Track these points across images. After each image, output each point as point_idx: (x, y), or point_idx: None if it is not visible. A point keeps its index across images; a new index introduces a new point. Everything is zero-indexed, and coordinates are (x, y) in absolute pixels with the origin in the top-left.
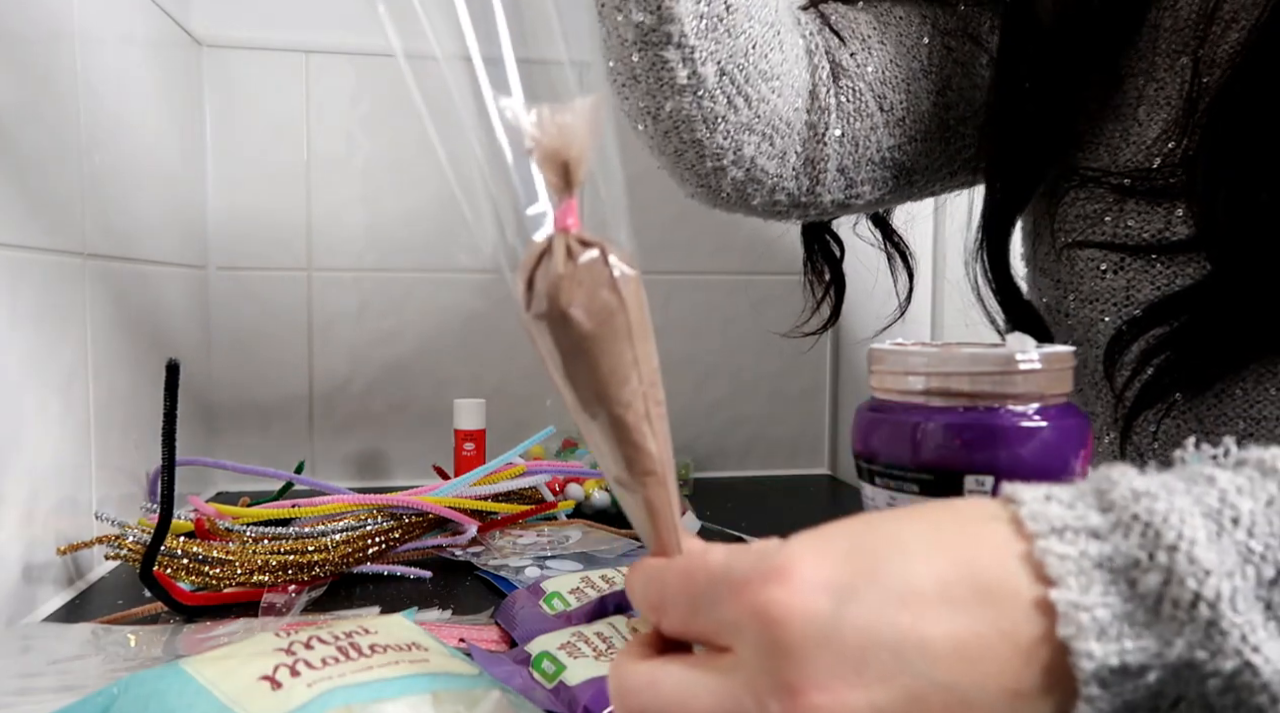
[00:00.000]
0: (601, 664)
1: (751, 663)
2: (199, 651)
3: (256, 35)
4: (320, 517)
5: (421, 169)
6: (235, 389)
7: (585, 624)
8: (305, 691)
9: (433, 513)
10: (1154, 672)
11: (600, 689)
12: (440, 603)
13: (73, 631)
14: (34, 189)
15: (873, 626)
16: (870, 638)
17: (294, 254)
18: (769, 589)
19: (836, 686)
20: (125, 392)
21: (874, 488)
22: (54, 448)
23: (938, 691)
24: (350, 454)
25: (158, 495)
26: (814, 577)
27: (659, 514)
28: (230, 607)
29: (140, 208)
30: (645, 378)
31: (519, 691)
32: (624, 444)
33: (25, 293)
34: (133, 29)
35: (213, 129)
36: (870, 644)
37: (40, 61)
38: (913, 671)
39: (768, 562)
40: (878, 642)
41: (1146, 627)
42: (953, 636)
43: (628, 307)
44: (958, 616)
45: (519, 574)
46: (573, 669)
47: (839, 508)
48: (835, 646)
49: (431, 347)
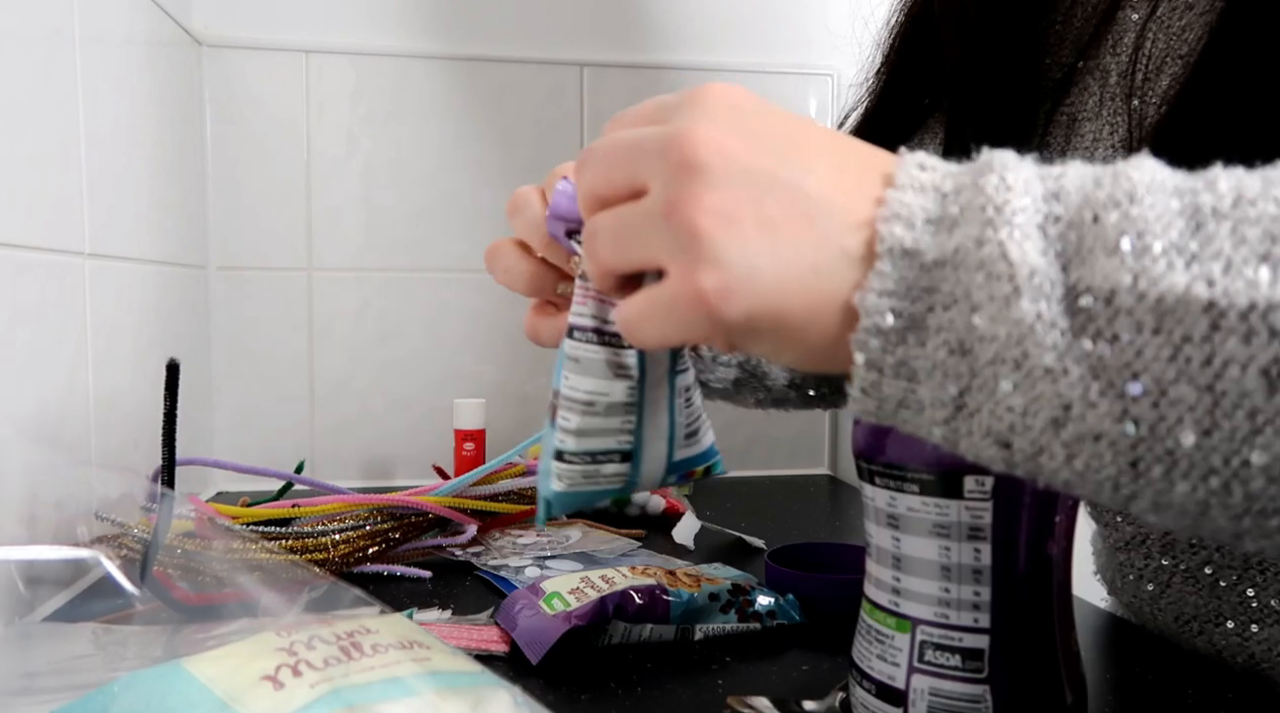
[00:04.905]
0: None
1: (675, 118)
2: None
3: (256, 35)
4: (320, 517)
5: (421, 169)
6: (235, 389)
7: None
8: (308, 691)
9: (433, 513)
10: (932, 257)
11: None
12: (440, 603)
13: (73, 631)
14: (34, 189)
15: (776, 129)
16: (770, 132)
17: (294, 254)
18: (710, 84)
19: (723, 132)
20: (125, 392)
21: (874, 488)
22: (54, 448)
23: (801, 195)
24: (350, 454)
25: (158, 495)
26: (745, 91)
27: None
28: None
29: (140, 208)
30: None
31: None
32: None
33: (25, 292)
34: (133, 29)
35: (213, 129)
36: (769, 135)
37: (40, 61)
38: (791, 168)
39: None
40: (775, 137)
41: (947, 229)
42: (835, 174)
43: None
44: (842, 161)
45: (519, 574)
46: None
47: (839, 508)
48: (741, 119)
49: (431, 347)
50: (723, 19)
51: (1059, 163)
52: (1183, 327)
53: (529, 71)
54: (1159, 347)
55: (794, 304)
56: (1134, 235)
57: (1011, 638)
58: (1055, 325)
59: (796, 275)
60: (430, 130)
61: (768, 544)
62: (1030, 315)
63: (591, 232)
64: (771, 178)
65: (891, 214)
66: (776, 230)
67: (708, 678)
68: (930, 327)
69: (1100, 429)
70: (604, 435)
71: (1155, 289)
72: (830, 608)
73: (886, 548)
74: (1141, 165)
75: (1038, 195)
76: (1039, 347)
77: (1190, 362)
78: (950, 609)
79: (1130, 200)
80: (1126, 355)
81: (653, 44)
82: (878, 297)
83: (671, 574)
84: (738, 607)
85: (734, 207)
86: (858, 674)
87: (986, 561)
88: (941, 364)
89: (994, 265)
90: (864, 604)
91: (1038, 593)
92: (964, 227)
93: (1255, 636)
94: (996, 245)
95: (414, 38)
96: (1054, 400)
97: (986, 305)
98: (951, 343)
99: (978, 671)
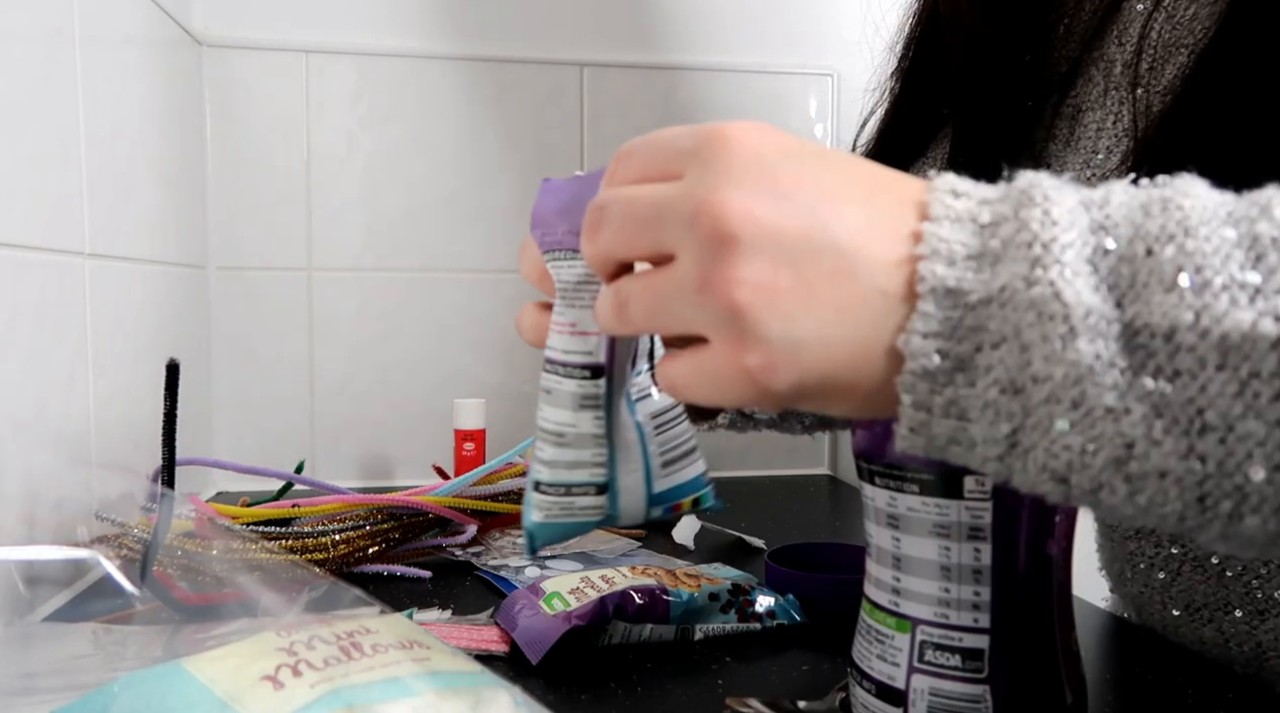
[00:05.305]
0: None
1: (695, 175)
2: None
3: (256, 35)
4: (320, 517)
5: (421, 169)
6: (235, 389)
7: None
8: (308, 691)
9: (432, 513)
10: (978, 297)
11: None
12: (440, 603)
13: (73, 631)
14: (34, 189)
15: (804, 180)
16: (798, 185)
17: (294, 254)
18: (727, 127)
19: (749, 197)
20: (125, 392)
21: (874, 488)
22: (54, 448)
23: (835, 249)
24: (350, 454)
25: (158, 495)
26: (763, 130)
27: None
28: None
29: (140, 208)
30: None
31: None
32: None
33: (25, 292)
34: (133, 29)
35: (213, 129)
36: (796, 190)
37: (40, 61)
38: (822, 224)
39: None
40: (803, 190)
41: (990, 265)
42: (869, 219)
43: None
44: (878, 208)
45: (519, 574)
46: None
47: (839, 508)
48: (768, 176)
49: (431, 347)
50: (723, 19)
51: (1066, 154)
52: (1250, 363)
53: (529, 71)
54: (1224, 383)
55: (840, 365)
56: (1192, 270)
57: (1011, 638)
58: (1114, 365)
59: (839, 336)
60: (430, 130)
61: (768, 544)
62: (1089, 356)
63: (623, 300)
64: (805, 240)
65: (931, 251)
66: (815, 294)
67: (707, 678)
68: (979, 366)
69: (1165, 466)
70: (576, 468)
71: (1219, 327)
72: (830, 608)
73: (886, 548)
74: (1190, 191)
75: (1084, 227)
76: (1098, 386)
77: (1259, 397)
78: (950, 609)
79: (1185, 233)
80: (1190, 391)
81: (653, 44)
82: (922, 338)
83: (671, 574)
84: (738, 607)
85: (770, 277)
86: (858, 674)
87: (986, 561)
88: (993, 403)
89: (1046, 305)
90: (864, 604)
91: (1038, 593)
92: (1009, 263)
93: (1263, 625)
94: (1048, 285)
95: (414, 38)
96: (1116, 439)
97: (1039, 345)
98: (1003, 382)
99: (978, 671)
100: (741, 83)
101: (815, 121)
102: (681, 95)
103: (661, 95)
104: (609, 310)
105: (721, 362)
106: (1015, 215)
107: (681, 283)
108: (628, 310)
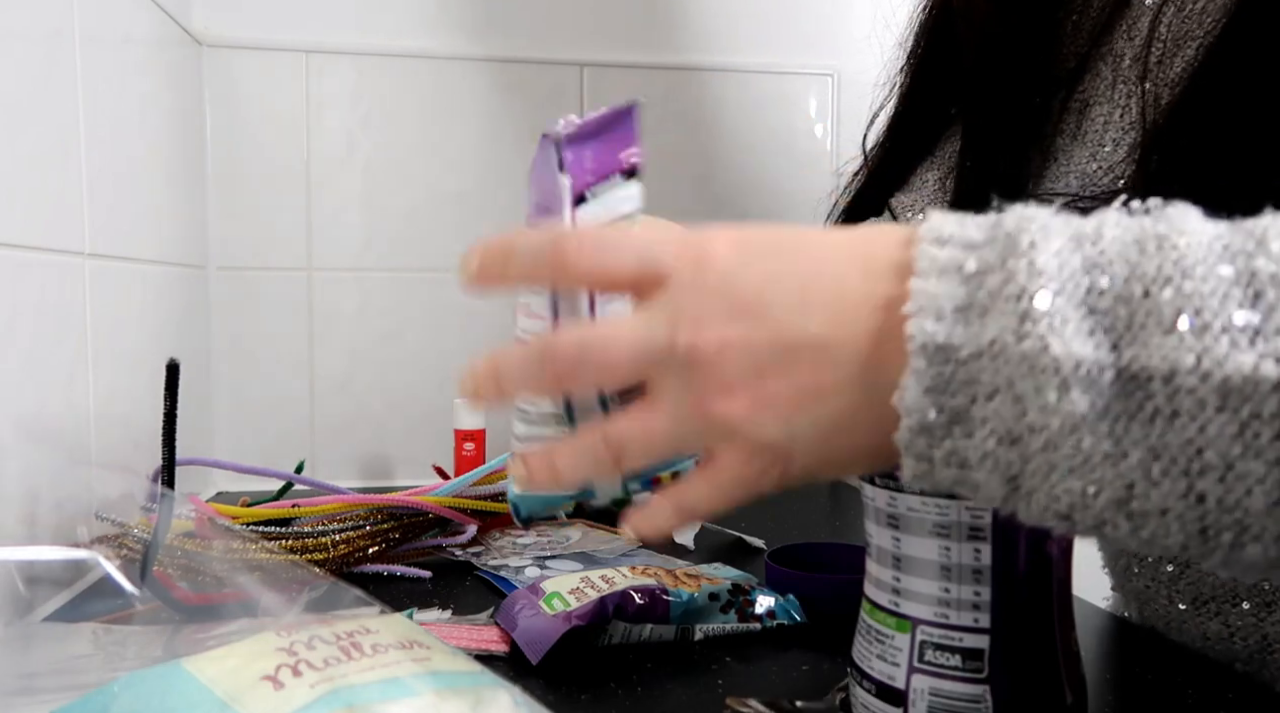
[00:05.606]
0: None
1: (666, 303)
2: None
3: (256, 35)
4: (320, 517)
5: (421, 169)
6: (235, 389)
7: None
8: (308, 691)
9: (432, 513)
10: (968, 351)
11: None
12: (440, 603)
13: (73, 631)
14: (34, 189)
15: (765, 280)
16: (761, 289)
17: (294, 254)
18: (699, 246)
19: (722, 322)
20: (125, 392)
21: (874, 488)
22: (54, 448)
23: (810, 343)
24: (350, 454)
25: (158, 495)
26: (727, 238)
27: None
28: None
29: (140, 208)
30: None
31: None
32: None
33: (25, 292)
34: (133, 29)
35: (213, 129)
36: (760, 295)
37: (40, 61)
38: (792, 322)
39: (693, 232)
40: (767, 294)
41: (978, 317)
42: (835, 300)
43: None
44: (843, 286)
45: (519, 574)
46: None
47: (839, 508)
48: (732, 291)
49: (431, 347)
50: (723, 19)
51: (1073, 147)
52: (1251, 405)
53: (529, 71)
54: (1224, 424)
55: (840, 443)
56: (1191, 312)
57: (1011, 638)
58: (1109, 411)
59: (833, 419)
60: (430, 130)
61: (768, 544)
62: (1083, 406)
63: (617, 450)
64: (779, 347)
65: (918, 308)
66: (802, 390)
67: (708, 678)
68: (975, 418)
69: (1166, 505)
70: (544, 443)
71: (1220, 370)
72: (830, 608)
73: (886, 548)
74: (1184, 227)
75: (1076, 268)
76: (1095, 435)
77: (1259, 437)
78: (950, 609)
79: (1182, 274)
80: (1189, 432)
81: (653, 44)
82: (916, 395)
83: (671, 574)
84: (738, 607)
85: (756, 388)
86: (858, 674)
87: (986, 560)
88: (992, 453)
89: (1037, 359)
90: (864, 604)
91: (1038, 593)
92: (997, 316)
93: (1270, 617)
94: (1037, 339)
95: (414, 38)
96: (1115, 482)
97: (1033, 397)
98: (999, 432)
99: (978, 671)
100: (742, 83)
101: (815, 121)
102: (681, 95)
103: (661, 95)
104: (603, 461)
105: (737, 472)
106: (1002, 265)
107: (677, 415)
108: (625, 456)
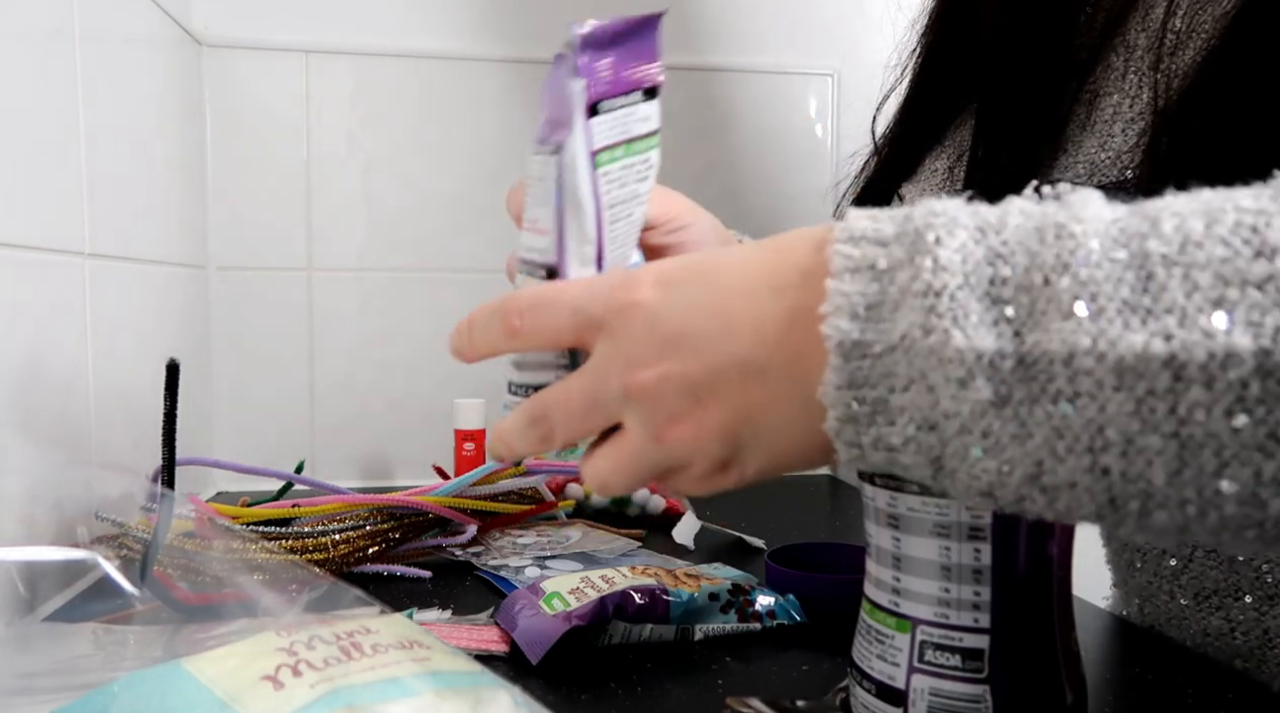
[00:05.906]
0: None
1: (607, 350)
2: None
3: (256, 35)
4: (320, 517)
5: (421, 169)
6: (235, 389)
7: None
8: (308, 691)
9: (433, 513)
10: (882, 346)
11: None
12: (440, 603)
13: (73, 631)
14: (34, 189)
15: (687, 312)
16: (684, 322)
17: (294, 254)
18: (625, 292)
19: (656, 361)
20: (125, 392)
21: (874, 488)
22: (54, 448)
23: (735, 363)
24: (350, 454)
25: (158, 495)
26: (650, 279)
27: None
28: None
29: (140, 208)
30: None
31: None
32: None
33: (25, 293)
34: (133, 29)
35: (213, 129)
36: (684, 328)
37: (40, 61)
38: (716, 348)
39: (622, 277)
40: (690, 325)
41: (890, 312)
42: (753, 318)
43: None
44: (758, 303)
45: (519, 574)
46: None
47: (839, 508)
48: (659, 329)
49: (431, 347)
50: (723, 20)
51: (1082, 137)
52: (1145, 382)
53: (529, 71)
54: (1121, 402)
55: (787, 446)
56: (1087, 298)
57: (1011, 638)
58: (1013, 396)
59: (774, 427)
60: (430, 130)
61: (768, 544)
62: (986, 393)
63: (600, 483)
64: (710, 371)
65: (834, 308)
66: (739, 410)
67: (707, 678)
68: (895, 407)
69: (1074, 479)
70: (541, 369)
71: (1114, 351)
72: (830, 608)
73: (886, 548)
74: (1083, 214)
75: (979, 260)
76: (1000, 419)
77: (1155, 412)
78: (950, 609)
79: (1079, 261)
80: (1090, 412)
81: None
82: (835, 390)
83: (671, 574)
84: (738, 607)
85: (697, 416)
86: (858, 674)
87: (986, 560)
88: (913, 438)
89: (943, 351)
90: (864, 604)
91: (1038, 593)
92: (906, 312)
93: (1272, 611)
94: (942, 333)
95: (413, 38)
96: (1025, 460)
97: (944, 386)
98: (918, 419)
99: (978, 671)
100: (741, 83)
101: (815, 121)
102: (681, 95)
103: (661, 95)
104: (592, 488)
105: (704, 470)
106: (910, 261)
107: (641, 446)
108: (609, 488)
